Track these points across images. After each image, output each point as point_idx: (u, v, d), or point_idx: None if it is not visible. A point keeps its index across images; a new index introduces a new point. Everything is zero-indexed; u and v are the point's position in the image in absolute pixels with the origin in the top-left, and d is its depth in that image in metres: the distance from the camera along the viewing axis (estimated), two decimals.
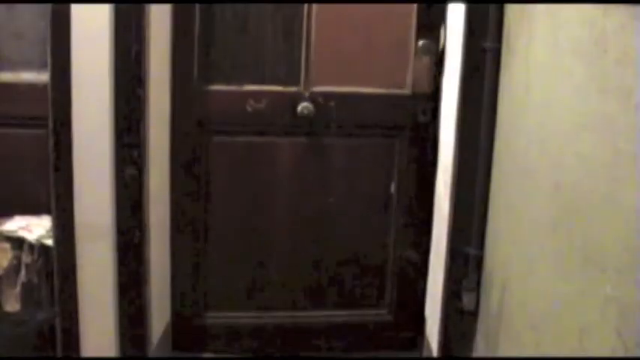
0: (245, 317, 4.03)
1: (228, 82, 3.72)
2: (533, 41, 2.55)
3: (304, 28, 3.72)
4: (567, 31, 2.18)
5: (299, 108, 3.71)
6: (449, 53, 3.48)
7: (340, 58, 3.79)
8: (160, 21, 3.42)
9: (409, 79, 3.76)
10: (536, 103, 2.49)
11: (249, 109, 3.71)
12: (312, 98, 3.74)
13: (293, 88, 3.76)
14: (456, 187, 3.21)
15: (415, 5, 3.69)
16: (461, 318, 3.25)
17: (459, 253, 3.22)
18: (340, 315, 4.10)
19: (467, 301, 3.17)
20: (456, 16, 3.32)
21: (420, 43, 3.69)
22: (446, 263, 3.30)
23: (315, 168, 3.87)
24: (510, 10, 2.90)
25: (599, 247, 1.87)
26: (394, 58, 3.77)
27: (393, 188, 3.91)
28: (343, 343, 4.12)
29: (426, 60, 3.72)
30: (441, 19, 3.68)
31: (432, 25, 3.71)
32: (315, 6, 3.68)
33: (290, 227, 3.96)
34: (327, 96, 3.76)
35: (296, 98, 3.74)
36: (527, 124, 2.59)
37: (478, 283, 3.15)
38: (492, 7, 2.98)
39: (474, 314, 3.18)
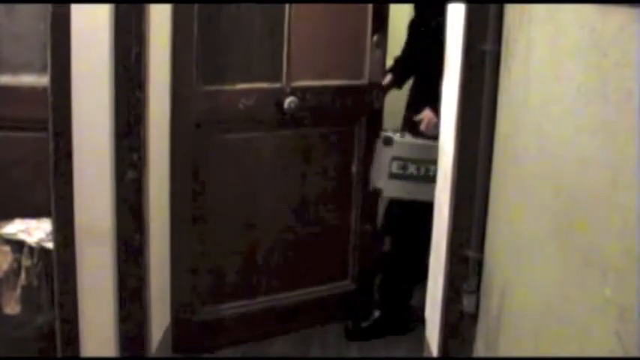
0: (236, 307, 4.18)
1: (223, 82, 3.79)
2: (532, 44, 2.55)
3: (286, 29, 3.90)
4: (567, 34, 2.18)
5: (286, 103, 3.93)
6: (449, 56, 3.48)
7: (312, 55, 4.08)
8: (160, 22, 3.42)
9: (366, 71, 4.18)
10: (535, 106, 2.49)
11: (241, 106, 3.79)
12: (293, 93, 3.95)
13: (277, 84, 3.95)
14: (456, 189, 3.21)
15: (371, 8, 4.13)
16: (461, 321, 3.25)
17: (459, 255, 3.22)
18: (315, 291, 4.41)
19: (467, 303, 3.17)
20: (455, 19, 3.32)
21: (375, 38, 4.10)
22: (446, 266, 3.30)
23: (296, 156, 4.12)
24: (510, 13, 2.90)
25: (599, 250, 1.87)
26: (354, 52, 4.18)
27: (354, 169, 4.30)
28: (318, 317, 4.43)
29: (378, 53, 4.15)
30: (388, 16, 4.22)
31: (383, 21, 4.16)
32: (294, 9, 3.89)
33: (275, 214, 4.20)
34: (304, 90, 4.02)
35: (280, 94, 3.93)
36: (526, 127, 2.59)
37: (478, 286, 3.15)
38: (492, 10, 2.98)
39: (474, 317, 3.18)
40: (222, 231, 4.01)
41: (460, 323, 3.26)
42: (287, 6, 3.86)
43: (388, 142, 4.00)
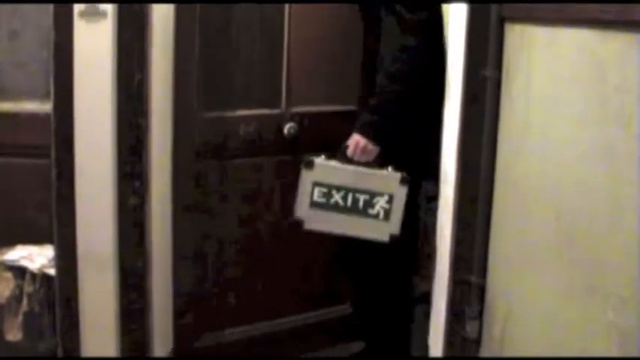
0: (238, 333, 4.13)
1: (224, 108, 3.78)
2: (533, 70, 2.56)
3: (285, 54, 3.90)
4: (566, 59, 2.19)
5: (285, 129, 3.89)
6: (449, 81, 3.48)
7: (311, 80, 4.03)
8: (162, 49, 3.42)
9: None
10: (536, 132, 2.49)
11: (241, 132, 3.79)
12: (293, 118, 3.93)
13: (276, 110, 3.93)
14: (458, 215, 3.21)
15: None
16: (464, 346, 3.24)
17: (461, 281, 3.21)
18: (313, 316, 4.35)
19: (470, 329, 3.16)
20: (455, 45, 3.32)
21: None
22: (448, 291, 3.29)
23: (295, 183, 3.86)
24: (510, 38, 2.91)
25: (601, 275, 1.87)
26: (352, 77, 4.01)
27: None
28: (317, 341, 4.37)
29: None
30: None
31: None
32: (292, 33, 3.88)
33: (275, 239, 4.12)
34: (303, 116, 3.98)
35: (280, 119, 3.92)
36: (528, 153, 2.59)
37: (481, 312, 3.14)
38: (492, 35, 3.00)
39: (477, 342, 3.17)
40: (223, 256, 4.00)
41: (463, 349, 3.25)
42: (286, 31, 3.86)
43: (309, 165, 3.51)
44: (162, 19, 3.39)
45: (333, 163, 3.55)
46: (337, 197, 3.51)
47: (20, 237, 3.60)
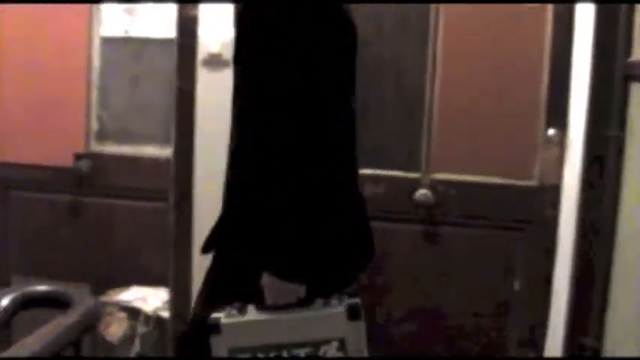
0: None
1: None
2: None
3: (425, 118, 3.50)
4: None
5: (416, 195, 3.47)
6: (571, 142, 3.42)
7: (463, 145, 3.51)
8: None
9: (536, 170, 3.42)
10: None
11: (367, 192, 3.53)
12: (432, 185, 3.49)
13: (413, 174, 3.52)
14: (576, 275, 3.17)
15: (545, 93, 3.38)
16: None
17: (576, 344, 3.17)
18: None
19: None
20: (578, 105, 3.28)
21: (550, 132, 3.36)
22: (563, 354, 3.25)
23: (432, 258, 3.58)
24: (634, 97, 2.88)
25: None
26: (521, 147, 3.45)
27: (517, 286, 3.52)
28: None
29: (555, 150, 3.39)
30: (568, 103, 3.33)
31: (561, 114, 3.36)
32: (437, 92, 3.46)
33: (405, 322, 3.66)
34: (448, 184, 3.50)
35: (414, 184, 3.51)
36: None
37: None
38: (616, 95, 2.97)
39: None
40: None
41: None
42: (427, 84, 3.44)
43: (215, 329, 2.10)
44: None
45: (246, 317, 2.12)
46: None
47: (136, 278, 3.65)
